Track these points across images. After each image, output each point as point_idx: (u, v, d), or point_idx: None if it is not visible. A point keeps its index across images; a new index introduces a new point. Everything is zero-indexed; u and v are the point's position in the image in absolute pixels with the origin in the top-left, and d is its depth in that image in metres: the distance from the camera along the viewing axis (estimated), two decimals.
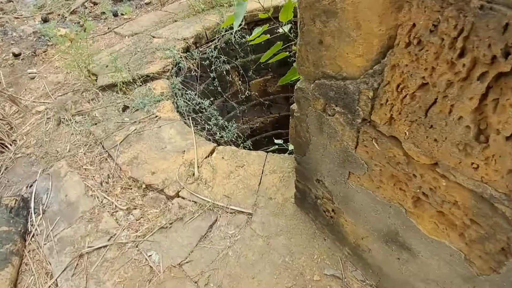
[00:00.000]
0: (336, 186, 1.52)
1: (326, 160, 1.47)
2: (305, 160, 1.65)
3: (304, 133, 1.52)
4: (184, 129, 2.73)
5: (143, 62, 3.50)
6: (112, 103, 3.21)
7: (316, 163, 1.56)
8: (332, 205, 1.67)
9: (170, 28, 4.09)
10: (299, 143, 1.62)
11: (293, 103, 1.53)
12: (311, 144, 1.51)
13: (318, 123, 1.37)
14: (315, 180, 1.67)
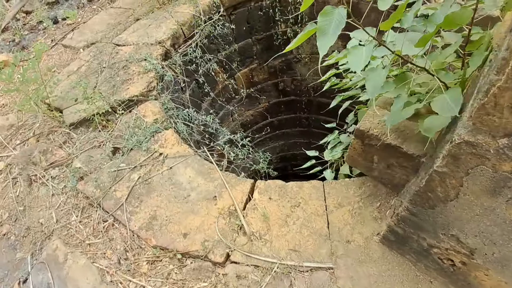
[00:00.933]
0: (491, 247, 1.13)
1: (483, 221, 1.06)
2: (431, 214, 1.23)
3: (444, 189, 1.08)
4: (204, 166, 2.17)
5: (117, 82, 2.77)
6: (94, 145, 2.52)
7: (455, 220, 1.15)
8: (465, 259, 1.29)
9: (135, 30, 3.31)
10: (426, 197, 1.18)
11: (283, 89, 1.09)
12: (455, 201, 1.08)
13: (491, 184, 0.93)
14: (442, 234, 1.27)
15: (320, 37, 1.03)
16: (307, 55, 4.46)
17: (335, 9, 1.02)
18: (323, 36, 1.03)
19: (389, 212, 1.78)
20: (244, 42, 4.10)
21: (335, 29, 1.01)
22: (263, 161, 2.78)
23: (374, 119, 1.63)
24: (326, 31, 1.02)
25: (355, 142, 1.73)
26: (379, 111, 1.66)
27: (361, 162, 1.83)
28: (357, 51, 1.09)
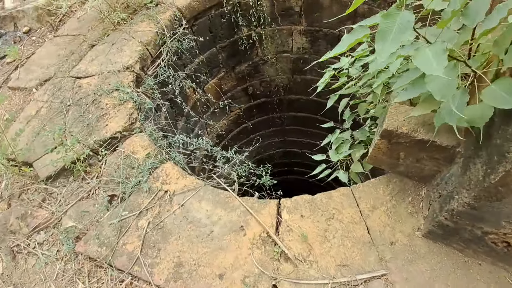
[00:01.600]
0: None
1: None
2: (496, 205, 1.22)
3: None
4: (219, 196, 2.00)
5: (91, 120, 2.46)
6: (81, 196, 2.21)
7: None
8: None
9: (93, 57, 2.97)
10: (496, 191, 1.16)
11: (252, 93, 1.06)
12: None
13: None
14: (504, 221, 1.27)
15: (380, 41, 0.95)
16: (273, 56, 4.41)
17: (400, 12, 0.94)
18: (383, 40, 0.95)
19: (423, 204, 1.78)
20: (209, 52, 3.93)
21: (397, 35, 0.94)
22: (265, 173, 2.66)
23: (399, 116, 1.61)
24: (387, 36, 0.94)
25: (380, 142, 1.69)
26: (400, 107, 1.64)
27: (385, 160, 1.80)
28: (423, 53, 1.02)
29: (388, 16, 0.95)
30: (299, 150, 6.30)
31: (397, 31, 0.93)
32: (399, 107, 1.64)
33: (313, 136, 5.75)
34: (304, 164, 6.68)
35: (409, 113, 1.60)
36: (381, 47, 0.95)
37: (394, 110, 1.63)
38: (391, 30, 0.94)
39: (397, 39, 0.93)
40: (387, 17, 0.95)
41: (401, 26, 0.93)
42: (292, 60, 4.46)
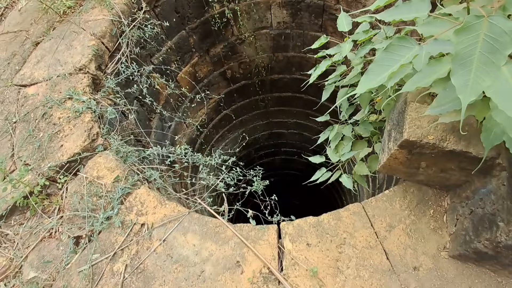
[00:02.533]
0: None
1: None
2: None
3: None
4: (207, 225, 1.68)
5: (43, 141, 2.04)
6: (42, 236, 1.85)
7: None
8: None
9: (39, 59, 2.47)
10: None
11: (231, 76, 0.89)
12: None
13: None
14: None
15: (458, 70, 0.60)
16: (251, 34, 3.94)
17: (482, 21, 0.59)
18: (462, 68, 0.60)
19: (447, 217, 1.52)
20: (178, 37, 3.43)
21: (483, 59, 0.58)
22: (256, 179, 2.34)
23: (422, 122, 1.29)
24: (468, 62, 0.59)
25: (398, 152, 1.39)
26: (423, 108, 1.32)
27: (402, 169, 1.51)
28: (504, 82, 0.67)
29: (465, 31, 0.59)
30: (285, 130, 6.00)
31: (485, 50, 0.57)
32: (421, 108, 1.32)
33: (298, 116, 5.44)
34: (290, 144, 6.42)
35: (433, 116, 1.29)
36: (459, 80, 0.59)
37: (415, 114, 1.31)
38: (473, 51, 0.58)
39: (484, 65, 0.58)
40: (465, 33, 0.59)
41: (493, 43, 0.57)
42: (273, 37, 4.01)
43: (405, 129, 1.29)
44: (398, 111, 1.48)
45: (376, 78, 0.82)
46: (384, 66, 0.82)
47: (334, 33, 3.60)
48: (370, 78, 0.85)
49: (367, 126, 2.01)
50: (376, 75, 0.82)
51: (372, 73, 0.84)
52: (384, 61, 0.83)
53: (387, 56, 0.83)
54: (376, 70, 0.83)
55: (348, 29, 1.68)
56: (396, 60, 0.81)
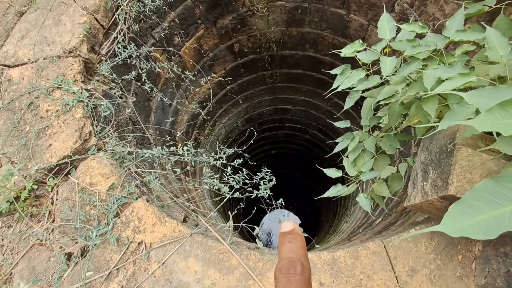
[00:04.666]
0: None
1: None
2: None
3: None
4: (211, 251, 1.53)
5: (30, 137, 1.82)
6: (32, 243, 1.71)
7: None
8: None
9: (24, 33, 2.16)
10: None
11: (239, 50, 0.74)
12: None
13: None
14: None
15: None
16: (264, 5, 3.53)
17: None
18: None
19: (476, 265, 1.38)
20: (183, 7, 3.05)
21: None
22: (263, 183, 2.17)
23: (473, 174, 1.08)
24: None
25: (436, 201, 1.20)
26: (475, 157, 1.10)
27: (435, 212, 1.34)
28: None
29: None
30: (291, 106, 5.74)
31: None
32: (473, 156, 1.11)
33: (307, 93, 5.15)
34: (296, 120, 6.19)
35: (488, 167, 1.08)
36: None
37: (465, 163, 1.10)
38: None
39: None
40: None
41: None
42: (288, 10, 3.60)
43: (452, 181, 1.08)
44: (440, 147, 1.26)
45: (473, 216, 0.59)
46: (491, 201, 0.59)
47: (358, 11, 3.22)
48: (464, 213, 0.61)
49: (393, 142, 1.79)
50: (475, 211, 0.59)
51: (467, 205, 0.61)
52: (492, 194, 0.59)
53: (499, 188, 0.59)
54: (476, 204, 0.60)
55: (390, 36, 1.39)
56: (509, 199, 0.58)
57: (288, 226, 0.53)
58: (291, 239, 0.51)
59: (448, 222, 0.61)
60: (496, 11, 1.44)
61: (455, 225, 0.60)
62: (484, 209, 0.59)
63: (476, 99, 0.74)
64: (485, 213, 0.58)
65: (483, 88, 0.75)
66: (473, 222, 0.58)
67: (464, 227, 0.59)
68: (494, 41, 0.97)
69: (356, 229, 3.55)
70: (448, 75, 1.03)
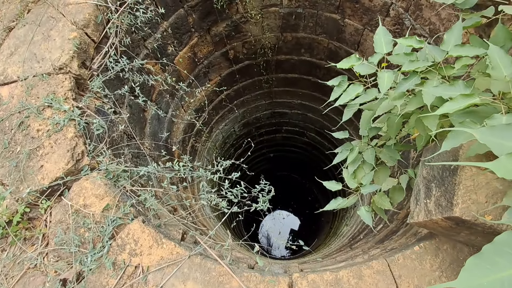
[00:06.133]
0: None
1: None
2: None
3: None
4: (210, 273, 1.49)
5: (21, 158, 1.77)
6: (26, 268, 1.66)
7: None
8: None
9: (13, 50, 2.11)
10: None
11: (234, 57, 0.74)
12: None
13: None
14: None
15: None
16: (258, 12, 3.49)
17: None
18: None
19: None
20: (175, 16, 3.01)
21: None
22: (262, 196, 2.13)
23: (478, 195, 1.05)
24: None
25: (441, 221, 1.16)
26: (480, 176, 1.07)
27: (439, 230, 1.30)
28: None
29: None
30: (288, 110, 5.71)
31: None
32: (478, 175, 1.07)
33: (304, 97, 5.12)
34: (293, 123, 6.16)
35: (494, 187, 1.04)
36: None
37: (470, 183, 1.07)
38: None
39: None
40: None
41: None
42: (282, 16, 3.57)
43: (457, 202, 1.05)
44: (443, 165, 1.23)
45: (494, 273, 0.55)
46: (498, 262, 0.55)
47: (353, 16, 3.19)
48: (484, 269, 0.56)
49: (393, 154, 1.76)
50: (496, 268, 0.55)
51: (487, 260, 0.56)
52: (502, 255, 0.55)
53: (507, 249, 0.55)
54: (497, 260, 0.55)
55: (387, 50, 1.36)
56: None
57: None
58: None
59: (466, 278, 0.56)
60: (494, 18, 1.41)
61: (474, 283, 0.55)
62: (507, 266, 0.54)
63: (487, 137, 0.70)
64: (507, 270, 0.54)
65: (494, 126, 0.71)
66: (494, 279, 0.54)
67: (484, 284, 0.54)
68: (497, 60, 0.94)
69: (357, 234, 3.52)
70: (449, 94, 0.99)
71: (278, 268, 1.71)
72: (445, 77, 1.27)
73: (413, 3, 2.52)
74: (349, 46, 3.48)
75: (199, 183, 2.13)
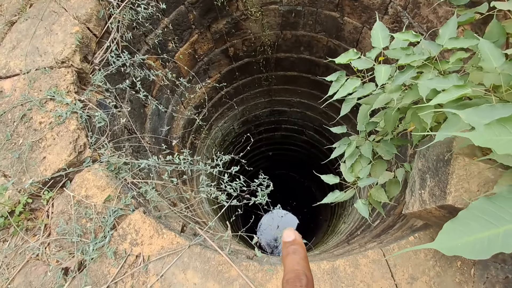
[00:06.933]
0: None
1: None
2: None
3: None
4: (209, 262, 1.52)
5: (23, 150, 1.80)
6: (28, 257, 1.69)
7: None
8: None
9: (15, 44, 2.13)
10: None
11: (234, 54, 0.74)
12: None
13: None
14: None
15: None
16: (258, 9, 3.52)
17: None
18: None
19: (475, 271, 1.38)
20: (176, 13, 3.03)
21: None
22: (261, 190, 2.16)
23: (471, 183, 1.08)
24: None
25: (435, 210, 1.20)
26: (472, 166, 1.10)
27: (433, 220, 1.34)
28: None
29: None
30: (287, 108, 5.74)
31: None
32: (470, 165, 1.11)
33: (303, 95, 5.15)
34: (292, 121, 6.20)
35: (485, 176, 1.08)
36: None
37: (463, 172, 1.10)
38: None
39: None
40: None
41: None
42: (282, 14, 3.60)
43: (450, 191, 1.08)
44: (437, 155, 1.26)
45: (468, 235, 0.59)
46: (485, 221, 0.59)
47: (352, 14, 3.22)
48: (459, 232, 0.60)
49: (390, 147, 1.79)
50: (469, 231, 0.59)
51: (463, 224, 0.60)
52: (487, 214, 0.59)
53: (493, 208, 0.59)
54: (471, 224, 0.59)
55: (384, 45, 1.39)
56: (504, 220, 0.57)
57: (290, 235, 0.56)
58: (294, 250, 0.54)
59: (442, 240, 0.60)
60: (489, 15, 1.44)
61: (449, 244, 0.59)
62: (479, 229, 0.59)
63: (472, 117, 0.74)
64: (479, 233, 0.58)
65: (478, 107, 0.75)
66: (467, 241, 0.58)
67: (458, 246, 0.58)
68: (487, 52, 0.97)
69: (354, 231, 3.56)
70: (443, 86, 1.03)
71: (276, 261, 1.74)
72: (440, 72, 1.31)
73: (411, 1, 2.55)
74: (348, 44, 3.52)
75: (199, 177, 2.16)
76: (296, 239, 0.56)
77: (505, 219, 0.57)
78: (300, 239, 0.57)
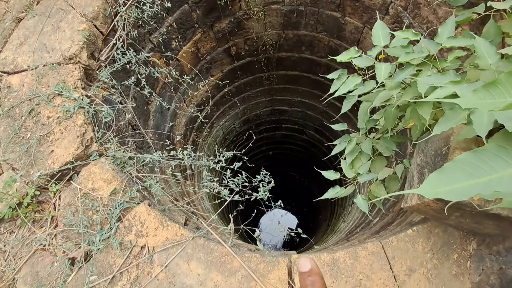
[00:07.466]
0: None
1: None
2: None
3: None
4: (213, 253, 1.57)
5: (31, 143, 1.84)
6: (35, 248, 1.73)
7: None
8: None
9: (22, 40, 2.17)
10: None
11: None
12: None
13: None
14: None
15: None
16: (260, 9, 3.57)
17: None
18: None
19: (471, 263, 1.42)
20: (180, 12, 3.08)
21: None
22: (262, 185, 2.20)
23: None
24: None
25: (432, 203, 1.24)
26: None
27: (431, 213, 1.38)
28: None
29: None
30: (288, 108, 5.78)
31: None
32: None
33: (304, 94, 5.19)
34: (293, 120, 6.24)
35: None
36: None
37: None
38: None
39: None
40: None
41: None
42: (284, 13, 3.64)
43: None
44: (435, 150, 1.30)
45: (450, 184, 0.64)
46: (468, 172, 0.64)
47: (353, 14, 3.26)
48: (443, 181, 0.66)
49: (390, 144, 1.84)
50: (452, 180, 0.64)
51: (447, 174, 0.65)
52: (470, 166, 0.64)
53: (476, 161, 0.64)
54: (455, 174, 0.64)
55: (385, 43, 1.44)
56: (485, 171, 0.62)
57: (306, 266, 0.54)
58: (312, 282, 0.52)
59: (426, 187, 0.66)
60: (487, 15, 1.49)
61: (433, 190, 0.65)
62: (461, 178, 0.64)
63: (464, 90, 0.80)
64: (461, 182, 0.64)
65: (473, 84, 0.80)
66: (449, 189, 0.64)
67: (440, 192, 0.64)
68: (482, 50, 1.02)
69: (354, 229, 3.60)
70: (441, 82, 1.07)
71: (277, 254, 1.78)
72: (439, 70, 1.35)
73: (412, 1, 2.60)
74: (349, 44, 3.56)
75: (200, 174, 2.20)
76: (312, 269, 0.54)
77: (486, 171, 0.63)
78: (317, 268, 0.55)
